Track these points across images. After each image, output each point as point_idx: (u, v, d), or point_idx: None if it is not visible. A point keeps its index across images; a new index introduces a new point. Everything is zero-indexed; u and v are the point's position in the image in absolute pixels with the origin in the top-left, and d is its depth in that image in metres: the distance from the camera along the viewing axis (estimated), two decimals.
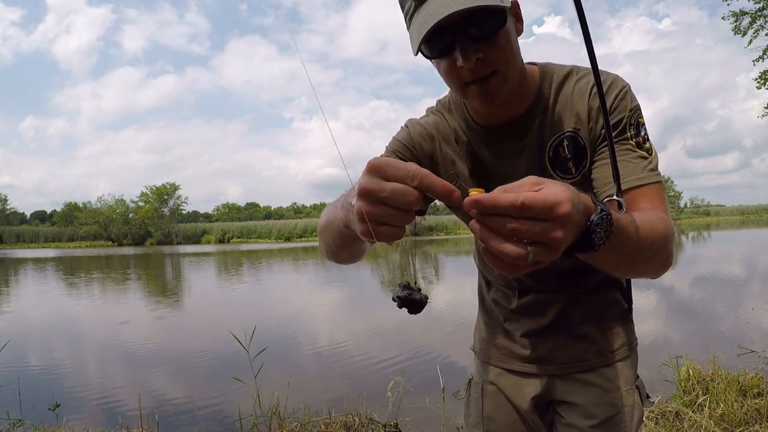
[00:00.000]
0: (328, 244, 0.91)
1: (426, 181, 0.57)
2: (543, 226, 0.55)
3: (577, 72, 1.03)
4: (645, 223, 0.77)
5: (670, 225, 0.86)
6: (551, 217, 0.54)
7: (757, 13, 13.58)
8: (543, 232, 0.55)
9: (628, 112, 0.96)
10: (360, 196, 0.58)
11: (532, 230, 0.54)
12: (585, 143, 1.01)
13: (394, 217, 0.58)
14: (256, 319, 7.73)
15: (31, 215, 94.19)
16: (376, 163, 0.58)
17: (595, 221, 0.61)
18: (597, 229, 0.62)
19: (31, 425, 3.51)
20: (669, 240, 0.84)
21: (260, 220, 70.76)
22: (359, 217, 0.59)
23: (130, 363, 5.97)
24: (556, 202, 0.54)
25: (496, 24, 0.86)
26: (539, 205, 0.54)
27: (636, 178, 0.93)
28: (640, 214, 0.81)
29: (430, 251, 25.53)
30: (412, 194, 0.57)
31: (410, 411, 3.70)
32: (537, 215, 0.54)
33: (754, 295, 8.87)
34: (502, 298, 1.27)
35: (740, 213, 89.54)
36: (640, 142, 0.96)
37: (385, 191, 0.57)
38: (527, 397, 1.22)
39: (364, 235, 0.60)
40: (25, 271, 20.91)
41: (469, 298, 8.91)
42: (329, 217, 0.86)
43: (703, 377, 3.66)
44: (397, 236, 0.60)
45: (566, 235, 0.56)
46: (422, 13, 0.85)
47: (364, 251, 0.93)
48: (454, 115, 1.11)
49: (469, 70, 0.87)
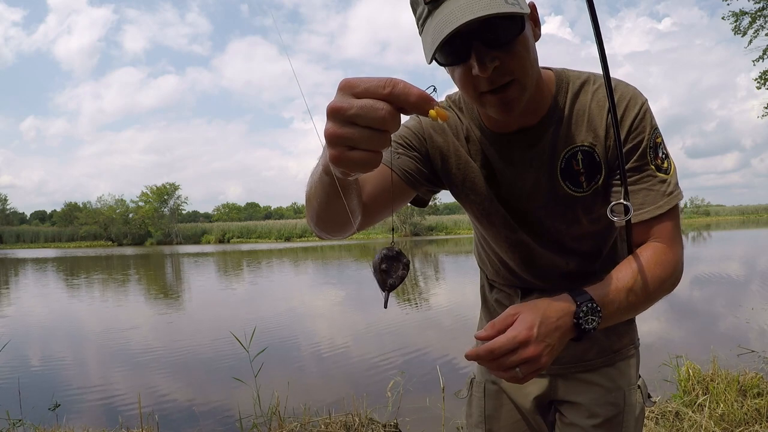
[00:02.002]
0: (313, 207, 0.83)
1: (398, 89, 0.50)
2: (515, 356, 0.80)
3: (594, 81, 1.00)
4: (650, 266, 0.92)
5: (672, 261, 0.95)
6: (515, 347, 0.80)
7: (757, 13, 13.57)
8: (518, 359, 0.80)
9: (648, 135, 0.94)
10: (329, 116, 0.53)
11: (511, 361, 0.80)
12: (600, 160, 0.99)
13: (366, 139, 0.51)
14: (256, 319, 7.73)
15: (31, 215, 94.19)
16: (347, 79, 0.53)
17: (580, 317, 0.84)
18: (586, 318, 0.84)
19: (31, 425, 3.50)
20: (676, 269, 0.96)
21: (260, 220, 70.68)
22: (328, 141, 0.53)
23: (130, 363, 5.96)
24: (515, 336, 0.80)
25: (514, 30, 0.82)
26: (504, 347, 0.80)
27: (656, 207, 0.95)
28: (638, 262, 0.93)
29: (430, 251, 25.50)
30: (382, 108, 0.50)
31: (410, 411, 3.70)
32: (505, 354, 0.80)
33: (754, 295, 8.87)
34: (505, 299, 1.27)
35: (740, 213, 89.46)
36: (659, 165, 0.96)
37: (353, 108, 0.51)
38: (529, 396, 1.22)
39: (333, 161, 0.54)
40: (25, 272, 20.89)
41: (469, 297, 8.91)
42: (311, 178, 0.79)
43: (703, 377, 3.66)
44: (371, 163, 0.53)
45: (539, 348, 0.80)
46: (436, 19, 0.81)
47: (354, 214, 0.82)
48: (464, 115, 1.08)
49: (486, 79, 0.84)
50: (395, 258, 0.64)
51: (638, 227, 0.96)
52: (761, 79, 14.33)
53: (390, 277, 0.64)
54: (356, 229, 0.90)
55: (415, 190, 1.06)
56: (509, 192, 1.06)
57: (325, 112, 0.53)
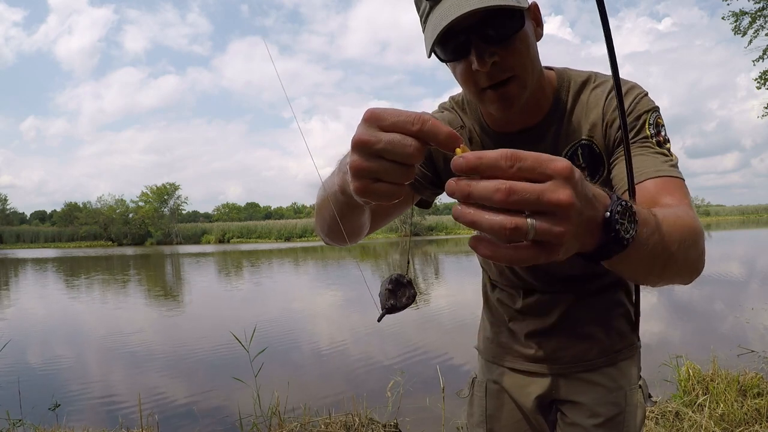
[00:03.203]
0: (324, 219, 0.85)
1: (428, 126, 0.50)
2: (543, 187, 0.44)
3: (595, 79, 1.01)
4: (669, 216, 0.67)
5: (698, 219, 0.76)
6: (548, 174, 0.45)
7: (757, 13, 13.56)
8: (544, 193, 0.44)
9: (646, 112, 0.92)
10: (354, 148, 0.53)
11: (530, 190, 0.44)
12: (600, 151, 0.98)
13: (392, 173, 0.52)
14: (256, 319, 7.73)
15: (31, 215, 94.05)
16: (373, 111, 0.52)
17: (615, 209, 0.52)
18: (620, 219, 0.52)
19: (31, 425, 3.50)
20: (700, 235, 0.73)
21: (260, 220, 70.70)
22: (353, 173, 0.53)
23: (131, 363, 5.97)
24: (547, 157, 0.46)
25: (513, 26, 0.82)
26: (531, 157, 0.45)
27: (656, 169, 0.86)
28: (661, 209, 0.70)
29: (430, 251, 25.51)
30: (411, 144, 0.50)
31: (410, 411, 3.70)
32: (530, 171, 0.45)
33: (754, 295, 8.88)
34: (506, 298, 1.27)
35: (740, 213, 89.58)
36: (660, 141, 0.91)
37: (380, 142, 0.51)
38: (531, 396, 1.22)
39: (357, 192, 0.54)
40: (25, 272, 20.89)
41: (469, 297, 8.91)
42: (325, 191, 0.79)
43: (703, 377, 3.66)
44: (394, 195, 0.54)
45: (574, 198, 0.46)
46: (436, 14, 0.82)
47: (364, 227, 0.86)
48: (467, 116, 1.08)
49: (486, 74, 0.84)
50: (405, 285, 0.65)
51: (642, 193, 0.84)
52: (761, 79, 14.33)
53: (391, 300, 0.64)
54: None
55: (419, 194, 1.07)
56: None
57: (352, 143, 0.53)
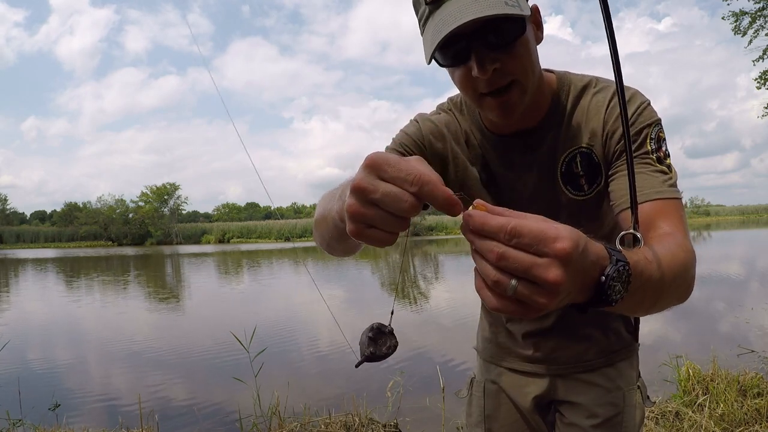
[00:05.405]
0: (322, 236, 0.86)
1: (427, 189, 0.50)
2: (533, 261, 0.48)
3: (596, 84, 0.99)
4: (666, 257, 0.69)
5: (691, 250, 0.78)
6: (545, 252, 0.48)
7: (757, 13, 13.56)
8: (533, 267, 0.48)
9: (648, 126, 0.91)
10: (352, 191, 0.53)
11: (521, 261, 0.48)
12: (599, 160, 0.97)
13: (386, 222, 0.52)
14: (256, 319, 7.72)
15: (31, 215, 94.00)
16: (375, 158, 0.52)
17: (611, 275, 0.54)
18: (613, 283, 0.54)
19: (31, 425, 3.50)
20: (690, 268, 0.77)
21: (260, 220, 70.65)
22: (348, 216, 0.54)
23: (131, 363, 5.97)
24: (552, 236, 0.48)
25: (514, 32, 0.81)
26: (532, 234, 0.48)
27: (655, 191, 0.86)
28: (660, 246, 0.73)
29: (430, 251, 25.51)
30: (407, 201, 0.50)
31: (410, 411, 3.70)
32: (528, 247, 0.48)
33: (754, 295, 8.88)
34: None
35: (740, 213, 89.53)
36: (660, 157, 0.90)
37: (378, 192, 0.51)
38: (529, 396, 1.22)
39: (352, 234, 0.55)
40: (25, 272, 20.89)
41: (469, 297, 8.90)
42: (325, 209, 0.80)
43: (703, 377, 3.66)
44: (386, 242, 0.54)
45: (564, 279, 0.48)
46: (436, 19, 0.81)
47: (360, 246, 0.87)
48: (465, 117, 1.07)
49: (486, 80, 0.83)
50: (386, 334, 0.63)
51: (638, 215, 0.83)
52: (761, 79, 14.32)
53: (371, 348, 0.63)
54: None
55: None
56: (510, 196, 1.06)
57: (350, 187, 0.53)
